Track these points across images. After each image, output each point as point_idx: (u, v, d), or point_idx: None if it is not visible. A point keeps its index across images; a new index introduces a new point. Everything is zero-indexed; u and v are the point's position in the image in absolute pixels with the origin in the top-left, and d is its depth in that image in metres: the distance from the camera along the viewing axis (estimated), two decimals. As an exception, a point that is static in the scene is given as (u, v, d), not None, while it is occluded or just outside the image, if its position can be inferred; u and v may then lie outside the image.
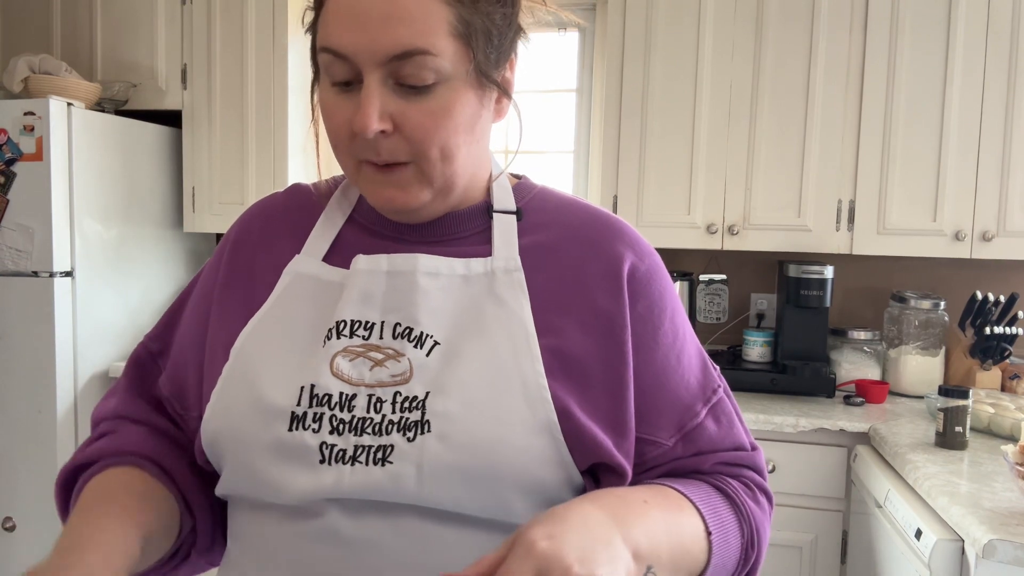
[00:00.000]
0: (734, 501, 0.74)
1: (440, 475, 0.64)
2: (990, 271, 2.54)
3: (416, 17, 0.64)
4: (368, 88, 0.65)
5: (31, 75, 2.48)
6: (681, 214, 2.42)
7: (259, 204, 0.84)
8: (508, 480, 0.65)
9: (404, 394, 0.67)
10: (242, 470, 0.69)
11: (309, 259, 0.75)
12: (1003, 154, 2.26)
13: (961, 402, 1.80)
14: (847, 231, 2.36)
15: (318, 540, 0.67)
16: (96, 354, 2.55)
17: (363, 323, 0.70)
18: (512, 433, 0.66)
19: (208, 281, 0.80)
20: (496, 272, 0.73)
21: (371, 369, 0.68)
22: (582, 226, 0.77)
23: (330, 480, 0.65)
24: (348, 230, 0.78)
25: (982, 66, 2.25)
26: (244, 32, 2.69)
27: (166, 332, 0.83)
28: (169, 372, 0.81)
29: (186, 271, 2.98)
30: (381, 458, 0.65)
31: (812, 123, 2.35)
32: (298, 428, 0.66)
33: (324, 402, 0.67)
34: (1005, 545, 1.27)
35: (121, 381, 0.83)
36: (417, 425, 0.65)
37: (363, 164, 0.70)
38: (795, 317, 2.42)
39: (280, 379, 0.68)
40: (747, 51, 2.37)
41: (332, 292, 0.73)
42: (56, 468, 2.42)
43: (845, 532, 2.09)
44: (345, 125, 0.67)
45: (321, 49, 0.67)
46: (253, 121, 2.71)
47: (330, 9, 0.66)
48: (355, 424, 0.66)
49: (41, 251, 2.38)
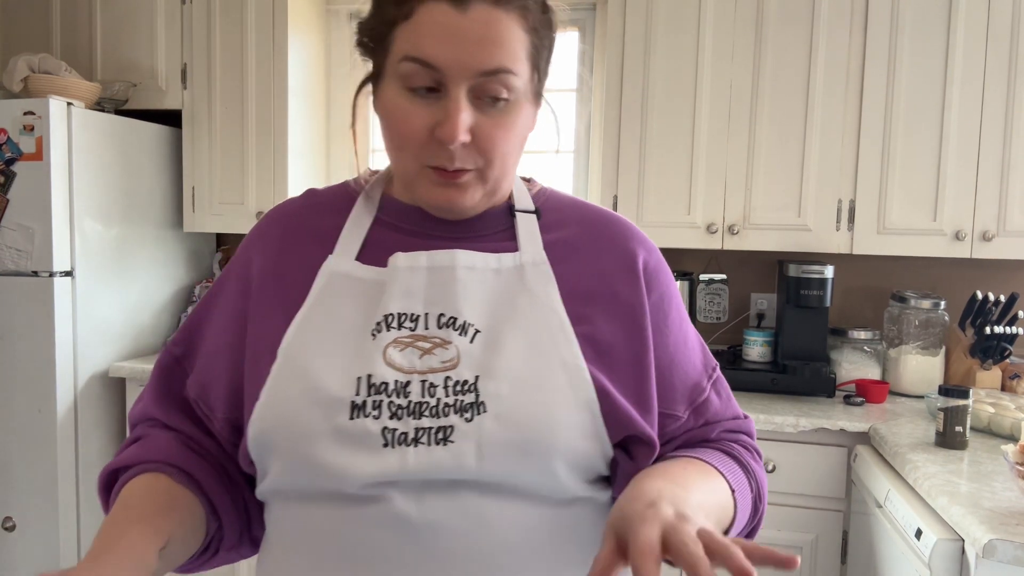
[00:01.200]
0: (742, 463, 0.82)
1: (497, 451, 0.70)
2: (990, 271, 2.54)
3: (506, 40, 0.71)
4: (457, 101, 0.71)
5: (31, 75, 2.48)
6: (681, 214, 2.42)
7: (276, 211, 0.88)
8: (556, 453, 0.72)
9: (455, 378, 0.73)
10: (301, 462, 0.72)
11: (343, 259, 0.80)
12: (1003, 154, 2.26)
13: (961, 402, 1.80)
14: (847, 231, 2.36)
15: (381, 526, 0.71)
16: (96, 354, 2.55)
17: (409, 315, 0.76)
18: (558, 410, 0.73)
19: (234, 287, 0.84)
20: (525, 266, 0.80)
21: (420, 357, 0.74)
22: (595, 224, 0.85)
23: (394, 462, 0.70)
24: (376, 230, 0.82)
25: (982, 66, 2.25)
26: (244, 32, 2.69)
27: (190, 337, 0.86)
28: (195, 376, 0.84)
29: (186, 271, 2.98)
30: (442, 438, 0.70)
31: (812, 123, 2.35)
32: (359, 416, 0.71)
33: (381, 390, 0.72)
34: (1005, 545, 1.27)
35: (148, 384, 0.87)
36: (473, 406, 0.71)
37: (427, 168, 0.75)
38: (795, 317, 2.42)
39: (335, 372, 0.73)
40: (747, 51, 2.37)
41: (370, 289, 0.78)
42: (56, 468, 2.42)
43: (845, 532, 2.09)
44: (421, 130, 0.72)
45: (408, 58, 0.71)
46: (253, 121, 2.71)
47: (422, 22, 0.70)
48: (412, 408, 0.71)
49: (41, 251, 2.38)
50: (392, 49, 0.73)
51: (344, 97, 3.01)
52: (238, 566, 2.49)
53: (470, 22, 0.70)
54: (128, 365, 2.56)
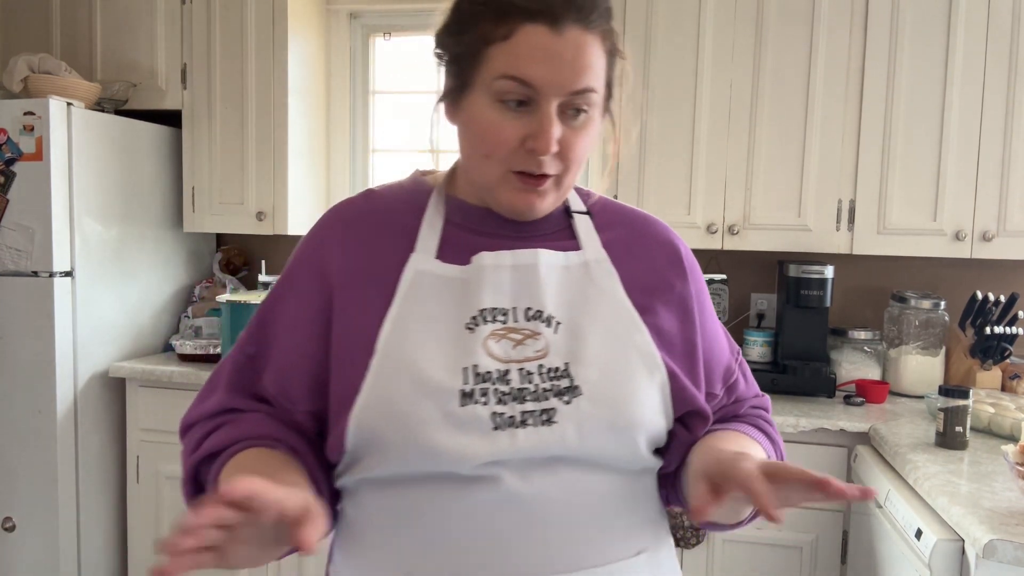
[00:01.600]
0: (769, 435, 0.96)
1: (594, 429, 0.80)
2: (990, 271, 2.54)
3: (593, 62, 0.80)
4: (549, 116, 0.79)
5: (31, 75, 2.48)
6: (681, 214, 2.42)
7: (343, 212, 0.93)
8: (640, 428, 0.82)
9: (547, 366, 0.82)
10: (416, 449, 0.77)
11: (425, 257, 0.86)
12: (1003, 154, 2.25)
13: (961, 402, 1.80)
14: (847, 231, 2.35)
15: (491, 501, 0.78)
16: (96, 354, 2.55)
17: (500, 309, 0.83)
18: (639, 391, 0.83)
19: (310, 285, 0.87)
20: (589, 263, 0.88)
21: (514, 347, 0.82)
22: (640, 224, 0.96)
23: (505, 443, 0.78)
24: (448, 230, 0.89)
25: (982, 66, 2.24)
26: (244, 32, 2.69)
27: (263, 336, 0.89)
28: (273, 372, 0.87)
29: (186, 271, 2.98)
30: (546, 420, 0.79)
31: (812, 123, 2.35)
32: (469, 403, 0.78)
33: (486, 378, 0.80)
34: (1005, 545, 1.27)
35: (218, 383, 0.89)
36: (569, 390, 0.81)
37: (511, 173, 0.82)
38: (795, 317, 2.42)
39: (438, 364, 0.79)
40: (747, 51, 2.37)
41: (453, 285, 0.84)
42: (56, 468, 2.42)
43: (845, 532, 2.09)
44: (512, 140, 0.80)
45: (507, 76, 0.78)
46: (253, 121, 2.71)
47: (521, 43, 0.77)
48: (515, 394, 0.80)
49: (41, 251, 2.38)
50: (486, 66, 0.79)
51: (344, 97, 3.01)
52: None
53: (565, 45, 0.78)
54: (128, 365, 2.56)
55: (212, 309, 2.69)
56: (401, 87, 3.08)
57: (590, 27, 0.79)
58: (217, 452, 0.83)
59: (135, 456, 2.59)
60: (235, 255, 3.06)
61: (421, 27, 3.00)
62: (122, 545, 2.68)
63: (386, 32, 3.04)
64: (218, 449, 0.83)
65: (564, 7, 0.77)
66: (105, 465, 2.61)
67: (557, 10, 0.77)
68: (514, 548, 0.79)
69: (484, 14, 0.79)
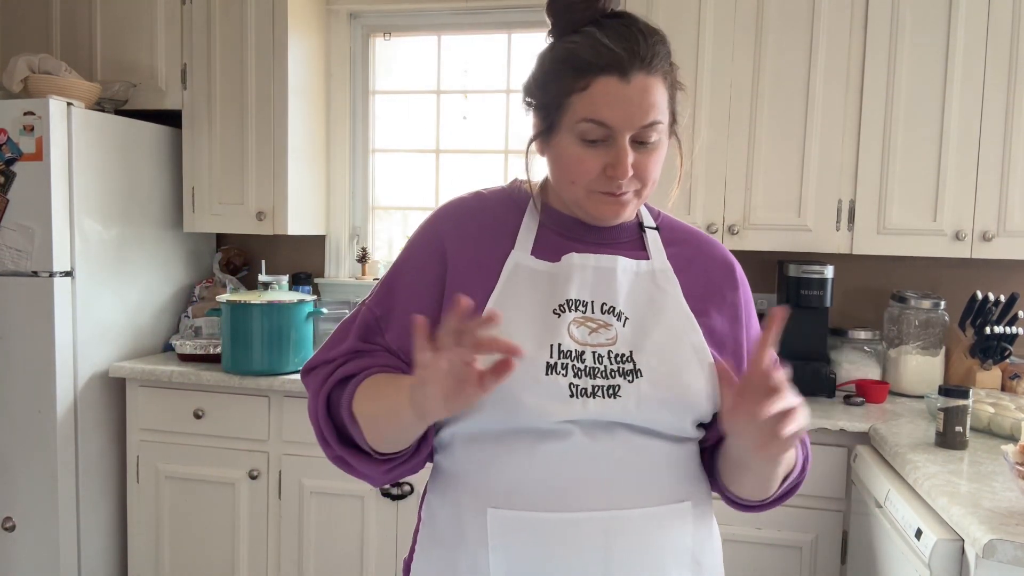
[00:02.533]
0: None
1: (650, 404, 0.97)
2: (990, 271, 2.54)
3: (657, 100, 0.96)
4: (623, 148, 0.96)
5: (31, 75, 2.48)
6: (681, 214, 2.39)
7: (454, 207, 1.09)
8: (687, 409, 1.00)
9: (615, 351, 0.99)
10: (507, 405, 0.95)
11: (523, 253, 1.04)
12: (1003, 154, 2.25)
13: (961, 402, 1.80)
14: (847, 231, 2.36)
15: (566, 453, 0.96)
16: (96, 354, 2.55)
17: (581, 301, 1.01)
18: (690, 378, 0.99)
19: (429, 258, 1.05)
20: (656, 271, 1.06)
21: (590, 334, 0.99)
22: (702, 243, 1.13)
23: (579, 408, 0.95)
24: (542, 232, 1.06)
25: (982, 66, 2.24)
26: (244, 32, 2.69)
27: (387, 301, 1.06)
28: (395, 332, 1.04)
29: (186, 271, 2.98)
30: (612, 394, 0.97)
31: (812, 123, 2.35)
32: (552, 373, 0.96)
33: (568, 355, 0.97)
34: (1005, 545, 1.27)
35: (347, 335, 1.06)
36: (632, 372, 0.98)
37: (597, 193, 0.99)
38: (795, 317, 2.39)
39: (529, 340, 0.96)
40: (747, 51, 2.37)
41: (545, 278, 1.02)
42: (56, 468, 2.42)
43: (845, 532, 2.09)
44: (594, 170, 0.97)
45: (587, 120, 0.95)
46: (253, 121, 2.71)
47: (597, 93, 0.94)
48: (588, 371, 0.97)
49: (41, 251, 2.38)
50: (569, 112, 0.97)
51: (344, 97, 3.01)
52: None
53: (632, 90, 0.94)
54: (128, 365, 2.56)
55: (212, 309, 2.69)
56: (401, 87, 3.08)
57: (652, 72, 0.96)
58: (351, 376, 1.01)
59: (135, 456, 2.59)
60: (235, 255, 3.06)
61: (421, 27, 3.01)
62: (122, 545, 2.68)
63: (386, 32, 3.04)
64: (353, 373, 1.01)
65: (631, 60, 0.94)
66: (105, 465, 2.61)
67: (625, 63, 0.94)
68: (580, 488, 0.96)
69: (565, 71, 0.96)
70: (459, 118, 3.02)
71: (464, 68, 3.00)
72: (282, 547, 2.50)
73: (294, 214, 2.76)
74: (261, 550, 2.52)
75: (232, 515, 2.53)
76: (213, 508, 2.54)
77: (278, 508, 2.49)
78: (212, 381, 2.47)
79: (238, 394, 2.48)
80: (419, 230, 1.10)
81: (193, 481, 2.55)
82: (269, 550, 2.52)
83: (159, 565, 2.61)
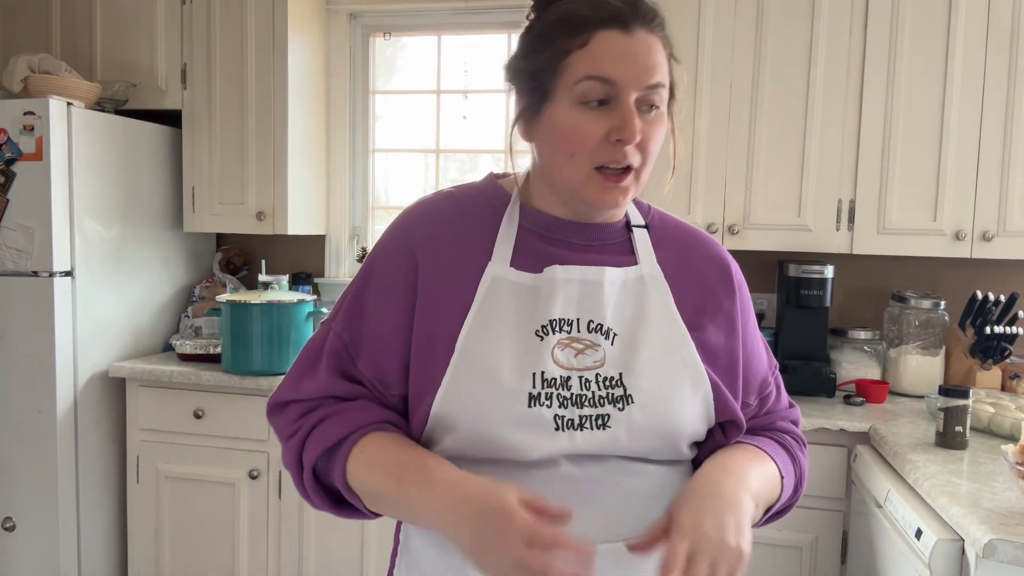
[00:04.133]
0: (792, 454, 1.03)
1: (642, 433, 0.90)
2: (990, 271, 2.54)
3: (660, 61, 0.89)
4: (630, 107, 0.87)
5: (31, 75, 2.48)
6: (681, 214, 2.39)
7: (423, 211, 0.99)
8: (682, 434, 0.93)
9: (603, 375, 0.91)
10: (483, 438, 0.88)
11: (501, 264, 0.94)
12: (1003, 154, 2.25)
13: (961, 402, 1.80)
14: (847, 231, 2.36)
15: (551, 482, 0.89)
16: (96, 354, 2.55)
17: (566, 320, 0.92)
18: (684, 402, 0.92)
19: (401, 278, 0.95)
20: (645, 278, 0.97)
21: (575, 356, 0.91)
22: (694, 241, 1.04)
23: (564, 442, 0.88)
24: (521, 237, 0.96)
25: (982, 66, 2.24)
26: (244, 32, 2.69)
27: (355, 324, 0.96)
28: (367, 359, 0.94)
29: (186, 271, 2.98)
30: (601, 424, 0.89)
31: (812, 123, 2.35)
32: (535, 405, 0.88)
33: (551, 384, 0.89)
34: (1005, 545, 1.27)
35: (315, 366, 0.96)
36: (623, 398, 0.90)
37: (595, 172, 0.90)
38: (795, 317, 2.42)
39: (509, 366, 0.89)
40: (747, 51, 2.37)
41: (526, 292, 0.93)
42: (56, 468, 2.42)
43: (845, 532, 2.09)
44: (597, 134, 0.88)
45: (589, 77, 0.87)
46: (253, 121, 2.71)
47: (598, 47, 0.87)
48: (575, 400, 0.89)
49: (41, 251, 2.38)
50: (567, 73, 0.88)
51: (344, 97, 3.01)
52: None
53: (636, 44, 0.87)
54: (128, 365, 2.56)
55: (212, 309, 2.69)
56: (401, 87, 3.08)
57: (654, 30, 0.89)
58: (339, 441, 0.91)
59: (135, 456, 2.59)
60: (235, 255, 3.06)
61: (421, 27, 3.01)
62: (122, 545, 2.68)
63: (386, 32, 3.04)
64: (340, 439, 0.91)
65: (632, 13, 0.88)
66: (105, 465, 2.61)
67: (626, 16, 0.87)
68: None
69: (561, 29, 0.89)
70: (459, 118, 3.02)
71: (464, 68, 3.00)
72: (282, 547, 2.50)
73: (294, 214, 2.76)
74: (261, 550, 2.52)
75: (232, 515, 2.53)
76: (213, 508, 2.54)
77: (278, 508, 2.49)
78: (212, 381, 2.47)
79: (238, 394, 2.48)
80: (386, 236, 0.99)
81: (193, 481, 2.55)
82: (269, 550, 2.52)
83: (159, 565, 2.61)
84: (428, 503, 0.84)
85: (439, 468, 0.86)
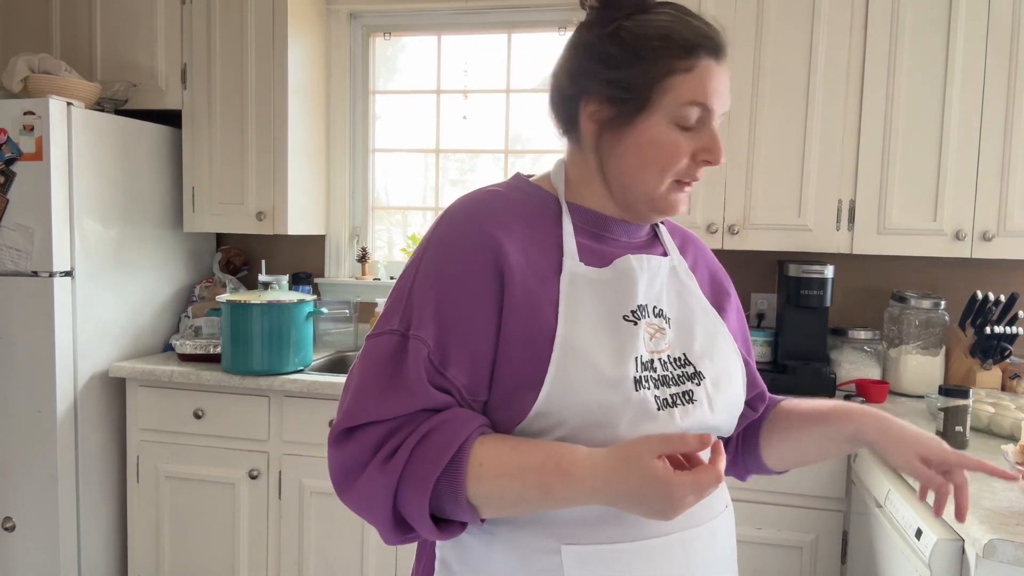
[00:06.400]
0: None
1: (720, 405, 0.97)
2: (990, 271, 2.54)
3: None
4: (715, 133, 0.95)
5: (31, 75, 2.48)
6: (681, 214, 2.42)
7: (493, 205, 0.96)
8: (738, 403, 1.02)
9: (672, 355, 0.97)
10: (593, 427, 0.88)
11: (573, 261, 0.96)
12: (1003, 154, 2.26)
13: (961, 402, 1.80)
14: (847, 231, 2.36)
15: None
16: (96, 354, 2.55)
17: (643, 307, 0.97)
18: (736, 377, 1.02)
19: (480, 277, 0.90)
20: (676, 267, 1.05)
21: (651, 339, 0.95)
22: (692, 237, 1.14)
23: (666, 420, 0.91)
24: (576, 235, 1.00)
25: (982, 66, 2.24)
26: (244, 32, 2.69)
27: (438, 329, 0.89)
28: (458, 366, 0.88)
29: (186, 271, 2.98)
30: (689, 399, 0.94)
31: (812, 123, 2.35)
32: (640, 388, 0.91)
33: (647, 367, 0.93)
34: (1005, 545, 1.27)
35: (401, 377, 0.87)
36: (695, 375, 0.97)
37: (674, 184, 0.97)
38: (795, 317, 2.42)
39: (612, 354, 0.91)
40: (747, 51, 2.37)
41: (598, 285, 0.95)
42: (56, 468, 2.42)
43: (845, 532, 2.09)
44: (687, 154, 0.95)
45: (694, 102, 0.92)
46: (253, 121, 2.71)
47: (702, 75, 0.92)
48: (662, 380, 0.94)
49: (41, 251, 2.38)
50: (670, 92, 0.92)
51: (344, 97, 3.01)
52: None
53: (724, 75, 0.95)
54: (128, 365, 2.56)
55: (212, 309, 2.69)
56: (401, 87, 3.08)
57: (722, 61, 0.96)
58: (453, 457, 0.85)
59: (135, 456, 2.59)
60: (235, 255, 3.06)
61: (421, 27, 3.01)
62: (122, 545, 2.68)
63: (386, 32, 3.04)
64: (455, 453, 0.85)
65: (722, 45, 0.95)
66: (105, 465, 2.61)
67: (721, 47, 0.95)
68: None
69: (665, 48, 0.92)
70: (459, 118, 3.02)
71: (464, 68, 3.00)
72: (282, 547, 2.50)
73: (294, 214, 2.76)
74: (261, 550, 2.52)
75: (232, 515, 2.53)
76: (213, 508, 2.54)
77: (278, 508, 2.49)
78: (212, 381, 2.47)
79: (238, 394, 2.48)
80: (454, 235, 0.93)
81: (193, 481, 2.55)
82: (269, 550, 2.52)
83: (159, 565, 2.61)
84: (578, 498, 0.84)
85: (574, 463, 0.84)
